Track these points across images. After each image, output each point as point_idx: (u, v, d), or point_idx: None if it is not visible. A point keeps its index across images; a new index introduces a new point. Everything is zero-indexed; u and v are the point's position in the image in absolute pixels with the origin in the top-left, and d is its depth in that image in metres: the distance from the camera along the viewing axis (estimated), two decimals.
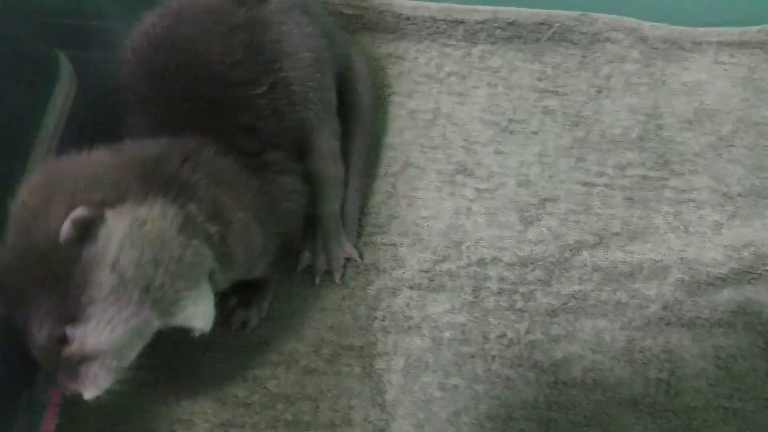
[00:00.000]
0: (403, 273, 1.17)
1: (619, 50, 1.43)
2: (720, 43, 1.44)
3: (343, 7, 1.44)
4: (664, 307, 1.14)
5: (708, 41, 1.44)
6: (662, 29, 1.44)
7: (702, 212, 1.25)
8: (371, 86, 1.33)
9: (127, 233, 0.73)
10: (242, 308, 1.10)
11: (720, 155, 1.31)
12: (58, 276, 0.71)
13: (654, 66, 1.42)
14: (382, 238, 1.20)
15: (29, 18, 1.18)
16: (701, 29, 1.45)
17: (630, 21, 1.44)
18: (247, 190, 0.94)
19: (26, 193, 0.77)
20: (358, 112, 1.28)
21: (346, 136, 1.24)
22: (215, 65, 0.96)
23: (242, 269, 0.96)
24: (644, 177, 1.28)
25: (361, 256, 1.18)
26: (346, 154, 1.22)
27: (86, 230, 0.71)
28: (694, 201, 1.26)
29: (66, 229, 0.70)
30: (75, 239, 0.71)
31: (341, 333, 1.11)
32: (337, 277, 1.16)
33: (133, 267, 0.73)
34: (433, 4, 1.44)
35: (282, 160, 1.02)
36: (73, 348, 0.73)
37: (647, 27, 1.44)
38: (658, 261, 1.18)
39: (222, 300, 1.11)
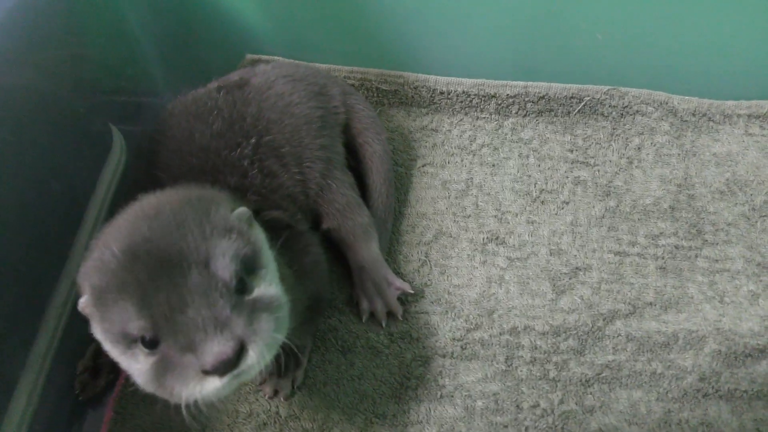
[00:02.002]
0: (436, 341, 1.18)
1: (649, 122, 1.46)
2: (750, 116, 1.46)
3: (380, 83, 1.50)
4: (701, 379, 1.12)
5: (738, 113, 1.47)
6: (692, 102, 1.47)
7: (737, 282, 1.24)
8: (381, 132, 1.37)
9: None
10: (275, 376, 1.12)
11: (753, 225, 1.31)
12: (240, 236, 0.79)
13: (684, 137, 1.44)
14: (415, 306, 1.22)
15: (91, 97, 1.27)
16: (730, 102, 1.48)
17: (659, 94, 1.47)
18: None
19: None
20: (370, 159, 1.34)
21: (364, 184, 1.31)
22: (199, 139, 1.06)
23: None
24: (677, 246, 1.28)
25: (412, 288, 1.21)
26: (366, 200, 1.28)
27: (250, 221, 0.84)
28: (728, 271, 1.25)
29: (243, 210, 0.83)
30: (248, 220, 0.84)
31: (374, 401, 1.12)
32: (399, 314, 1.19)
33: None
34: (466, 80, 1.50)
35: (285, 218, 1.06)
36: (253, 295, 0.77)
37: (677, 100, 1.47)
38: (693, 331, 1.17)
39: None
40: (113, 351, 0.77)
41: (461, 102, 1.50)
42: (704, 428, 1.08)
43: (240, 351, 0.70)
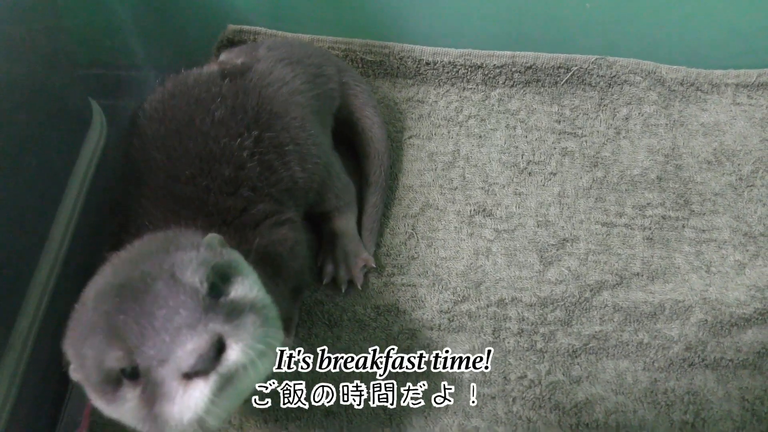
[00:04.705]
0: (423, 314, 1.17)
1: (637, 92, 1.45)
2: (738, 85, 1.45)
3: (365, 54, 1.48)
4: (687, 348, 1.13)
5: (726, 83, 1.46)
6: (680, 71, 1.46)
7: (724, 252, 1.24)
8: (376, 104, 1.37)
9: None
10: None
11: (740, 195, 1.31)
12: (209, 249, 0.75)
13: (672, 107, 1.43)
14: (402, 279, 1.21)
15: (67, 70, 1.23)
16: (719, 71, 1.47)
17: (647, 64, 1.46)
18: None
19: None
20: (370, 130, 1.34)
21: (361, 159, 1.33)
22: (199, 124, 1.02)
23: None
24: (664, 217, 1.28)
25: (375, 263, 1.22)
26: (362, 174, 1.31)
27: (222, 243, 0.81)
28: (715, 241, 1.25)
29: (212, 235, 0.80)
30: (220, 243, 0.80)
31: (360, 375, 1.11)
32: (359, 283, 1.19)
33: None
34: (452, 50, 1.48)
35: (274, 212, 1.04)
36: (230, 297, 0.71)
37: (665, 69, 1.46)
38: (680, 301, 1.17)
39: None
40: (107, 407, 0.71)
41: (447, 72, 1.47)
42: (690, 397, 1.09)
43: (219, 347, 0.63)
